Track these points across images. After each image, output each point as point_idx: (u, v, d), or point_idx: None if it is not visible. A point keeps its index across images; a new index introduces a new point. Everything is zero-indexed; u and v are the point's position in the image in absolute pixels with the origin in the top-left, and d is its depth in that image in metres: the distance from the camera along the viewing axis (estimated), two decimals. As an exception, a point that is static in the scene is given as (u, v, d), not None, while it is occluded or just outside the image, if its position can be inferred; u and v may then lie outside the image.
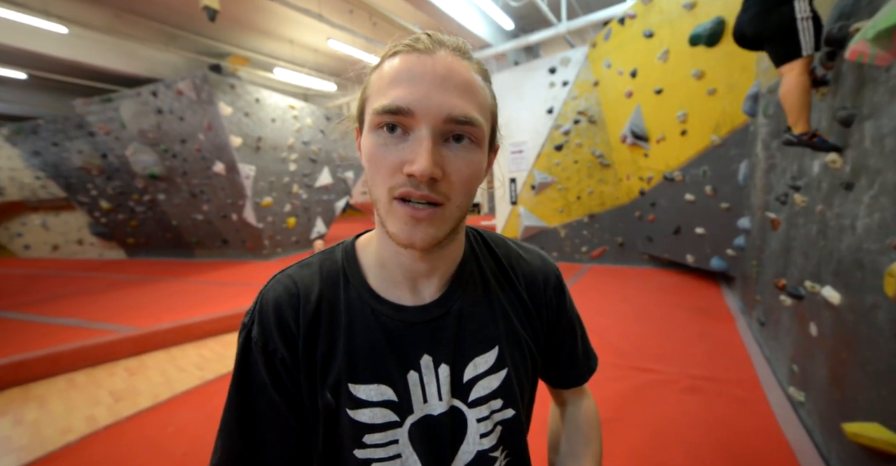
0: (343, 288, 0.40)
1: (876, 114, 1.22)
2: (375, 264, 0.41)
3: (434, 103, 0.31)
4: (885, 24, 1.08)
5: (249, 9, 6.17)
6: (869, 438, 0.98)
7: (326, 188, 7.48)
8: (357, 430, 0.37)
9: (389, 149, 0.32)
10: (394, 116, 0.31)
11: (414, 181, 0.31)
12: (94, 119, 5.99)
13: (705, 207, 3.75)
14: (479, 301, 0.42)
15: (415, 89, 0.31)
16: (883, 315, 1.03)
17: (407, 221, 0.33)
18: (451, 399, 0.39)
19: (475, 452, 0.40)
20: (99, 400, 2.15)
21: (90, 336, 2.82)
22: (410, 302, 0.40)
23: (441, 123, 0.31)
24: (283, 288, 0.39)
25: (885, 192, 1.12)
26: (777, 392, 1.86)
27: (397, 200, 0.33)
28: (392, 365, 0.38)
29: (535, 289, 0.45)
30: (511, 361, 0.42)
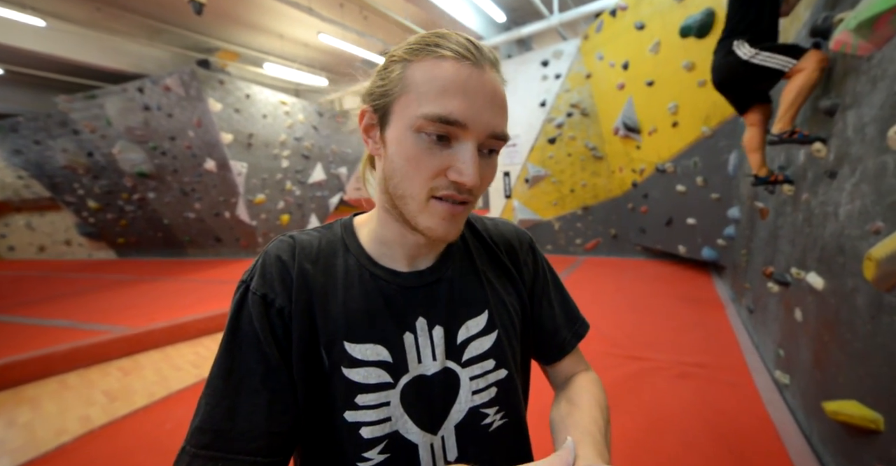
0: (342, 255, 0.42)
1: (857, 103, 1.25)
2: (374, 240, 0.43)
3: (484, 120, 0.35)
4: (866, 15, 1.10)
5: (237, 2, 6.04)
6: (847, 415, 1.03)
7: (320, 184, 7.43)
8: (350, 390, 0.37)
9: (434, 154, 0.35)
10: (445, 126, 0.34)
11: (457, 187, 0.36)
12: (78, 116, 5.86)
13: (696, 198, 3.81)
14: (466, 270, 0.45)
15: (470, 104, 0.34)
16: (862, 298, 1.07)
17: (445, 217, 0.37)
18: (446, 360, 0.41)
19: (466, 410, 0.41)
20: (93, 401, 2.14)
21: (82, 337, 2.79)
22: (406, 269, 0.43)
23: (484, 138, 0.35)
24: (286, 244, 0.41)
25: (865, 180, 1.15)
26: (764, 376, 1.92)
27: (436, 199, 0.36)
28: (388, 327, 0.40)
29: (512, 252, 0.50)
30: (500, 324, 0.44)
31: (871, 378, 0.99)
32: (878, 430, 0.95)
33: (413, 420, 0.39)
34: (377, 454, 0.38)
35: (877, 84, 1.13)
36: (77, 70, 7.12)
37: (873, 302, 1.01)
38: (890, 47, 1.07)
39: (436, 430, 0.40)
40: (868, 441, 1.00)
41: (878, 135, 1.08)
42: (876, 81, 1.14)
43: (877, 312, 0.99)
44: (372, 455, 0.38)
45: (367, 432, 0.38)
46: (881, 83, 1.10)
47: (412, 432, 0.39)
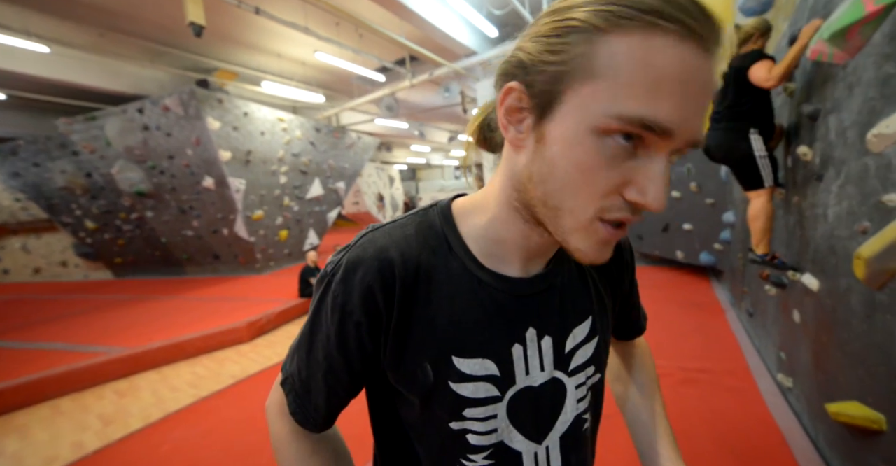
0: (444, 256, 0.37)
1: (838, 108, 1.29)
2: (484, 238, 0.38)
3: (692, 126, 0.26)
4: (838, 26, 1.15)
5: (236, 24, 6.23)
6: (849, 416, 1.02)
7: (318, 199, 7.47)
8: (457, 403, 0.36)
9: (615, 166, 0.27)
10: (642, 131, 0.25)
11: (634, 209, 0.28)
12: (77, 138, 5.91)
13: (691, 204, 3.85)
14: (575, 275, 0.42)
15: (686, 108, 0.25)
16: (856, 297, 1.08)
17: (606, 242, 0.30)
18: (553, 370, 0.39)
19: (572, 419, 0.41)
20: (87, 425, 2.09)
21: (76, 359, 2.73)
22: (517, 275, 0.38)
23: (684, 146, 0.27)
24: (376, 251, 0.35)
25: (850, 181, 1.18)
26: (767, 379, 1.91)
27: (602, 221, 0.29)
28: (497, 339, 0.37)
29: (617, 255, 0.46)
30: (601, 329, 0.43)
31: (871, 377, 0.99)
32: (882, 430, 0.94)
33: (518, 430, 0.38)
34: (482, 459, 0.38)
35: (853, 90, 1.18)
36: (78, 93, 7.26)
37: (866, 301, 1.03)
38: (862, 56, 1.12)
39: (541, 440, 0.39)
40: (872, 442, 0.99)
41: (858, 138, 1.12)
42: (852, 88, 1.19)
43: (871, 311, 1.00)
44: (477, 458, 0.38)
45: (474, 439, 0.37)
46: (857, 89, 1.15)
47: (517, 441, 0.38)
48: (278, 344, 3.31)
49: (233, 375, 2.67)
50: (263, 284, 5.46)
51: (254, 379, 2.61)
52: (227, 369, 2.80)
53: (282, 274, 6.16)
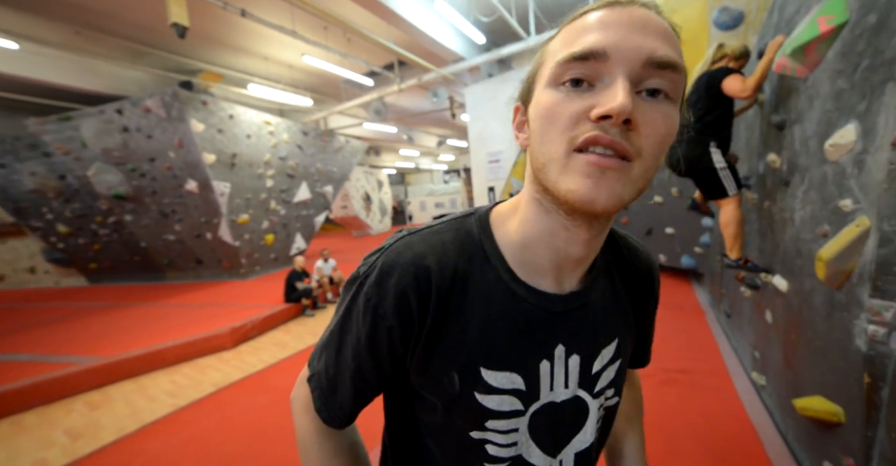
0: (479, 265, 0.36)
1: (801, 119, 1.37)
2: (517, 244, 0.37)
3: (633, 44, 0.27)
4: (797, 43, 1.23)
5: (221, 26, 6.16)
6: (814, 410, 1.08)
7: (305, 203, 7.39)
8: (481, 415, 0.36)
9: (572, 100, 0.29)
10: (583, 63, 0.28)
11: (605, 125, 0.27)
12: (50, 138, 5.69)
13: (673, 208, 3.97)
14: (607, 295, 0.41)
15: (610, 32, 0.28)
16: (819, 297, 1.14)
17: (590, 173, 0.28)
18: (577, 389, 0.39)
19: (591, 440, 0.40)
20: (52, 441, 1.97)
21: (43, 371, 2.59)
22: (551, 290, 0.37)
23: (639, 68, 0.27)
24: (413, 257, 0.35)
25: (813, 187, 1.25)
26: (743, 378, 1.98)
27: (577, 152, 0.28)
28: (527, 354, 0.37)
29: (648, 282, 0.45)
30: (623, 352, 0.42)
31: (832, 372, 1.05)
32: (841, 422, 0.99)
33: (537, 444, 0.39)
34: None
35: (813, 102, 1.25)
36: (51, 92, 7.00)
37: (827, 300, 1.08)
38: (819, 71, 1.20)
39: (556, 454, 0.39)
40: (833, 434, 1.04)
41: (818, 147, 1.19)
42: (812, 100, 1.26)
43: (831, 310, 1.06)
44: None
45: (493, 450, 0.38)
46: (816, 101, 1.22)
47: (535, 455, 0.39)
48: (263, 350, 3.24)
49: (214, 383, 2.60)
50: (248, 289, 5.34)
51: (236, 386, 2.55)
52: (208, 377, 2.72)
53: (267, 279, 6.05)
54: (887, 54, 0.88)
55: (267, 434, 1.91)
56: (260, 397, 2.36)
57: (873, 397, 0.88)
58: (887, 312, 0.84)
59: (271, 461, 1.70)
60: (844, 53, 1.05)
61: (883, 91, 0.89)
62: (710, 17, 2.92)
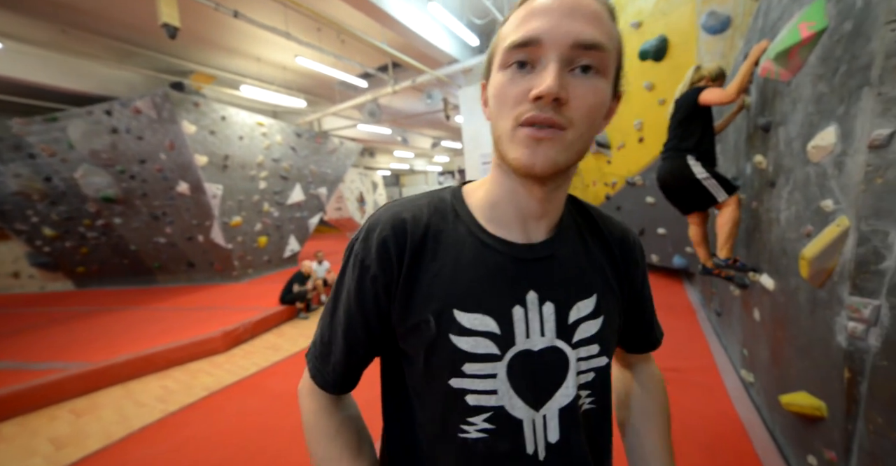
0: (452, 222, 0.41)
1: (785, 121, 1.41)
2: (486, 204, 0.42)
3: (562, 30, 0.32)
4: (780, 47, 1.26)
5: (213, 26, 6.11)
6: (798, 405, 1.10)
7: (299, 205, 7.34)
8: (457, 357, 0.38)
9: (517, 82, 0.34)
10: (524, 49, 0.33)
11: (540, 104, 0.33)
12: (35, 139, 5.56)
13: (665, 209, 4.01)
14: (578, 251, 0.43)
15: (544, 20, 0.33)
16: (803, 295, 1.17)
17: (528, 144, 0.34)
18: (556, 339, 0.40)
19: (573, 394, 0.41)
20: (34, 451, 1.92)
21: (26, 378, 2.50)
22: (519, 241, 0.41)
23: (568, 50, 0.33)
24: (392, 214, 0.41)
25: (797, 188, 1.28)
26: (732, 376, 2.01)
27: (521, 126, 0.34)
28: (498, 298, 0.39)
29: (626, 249, 0.47)
30: (606, 310, 0.43)
31: (815, 368, 1.07)
32: (823, 417, 1.02)
33: (519, 395, 0.39)
34: (482, 421, 0.39)
35: (796, 105, 1.29)
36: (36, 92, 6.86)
37: (811, 298, 1.11)
38: (802, 75, 1.23)
39: (538, 408, 0.40)
40: (816, 428, 1.07)
41: (801, 149, 1.22)
42: (796, 103, 1.30)
43: (814, 307, 1.09)
44: (476, 420, 0.39)
45: (473, 399, 0.38)
46: (799, 104, 1.26)
47: (517, 407, 0.39)
48: (256, 354, 3.21)
49: (206, 387, 2.57)
50: (241, 292, 5.29)
51: (229, 390, 2.52)
52: (199, 381, 2.69)
53: (261, 282, 5.99)
54: (863, 60, 0.91)
55: (260, 439, 1.89)
56: (253, 401, 2.34)
57: (853, 391, 0.91)
58: (866, 309, 0.86)
59: (265, 464, 1.68)
60: (824, 58, 1.09)
61: (859, 95, 0.92)
62: (699, 22, 2.98)
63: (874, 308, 0.85)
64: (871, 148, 0.85)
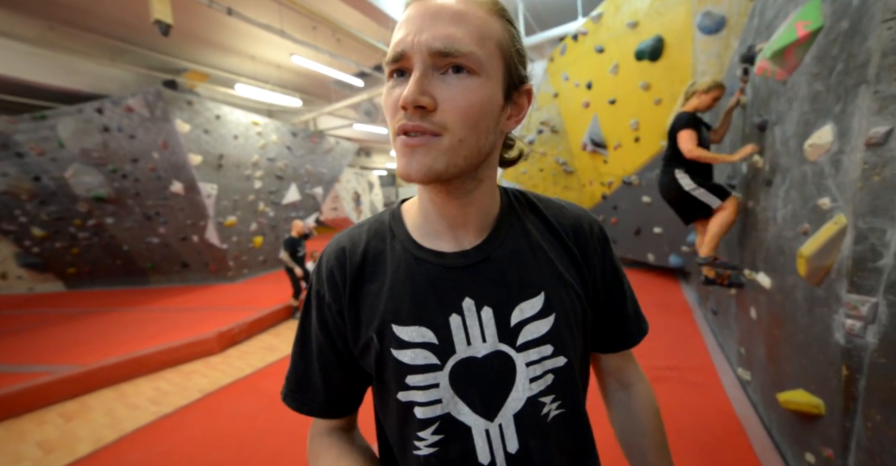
0: (389, 242, 0.43)
1: (781, 120, 1.41)
2: (419, 218, 0.43)
3: (421, 41, 0.32)
4: (777, 46, 1.27)
5: (207, 24, 6.04)
6: (796, 403, 1.11)
7: (294, 205, 7.29)
8: (400, 370, 0.39)
9: (394, 90, 0.35)
10: (397, 64, 0.34)
11: (407, 114, 0.33)
12: (23, 138, 5.46)
13: (661, 208, 4.03)
14: (520, 250, 0.42)
15: (407, 32, 0.33)
16: (800, 293, 1.17)
17: (404, 153, 0.34)
18: (499, 343, 0.39)
19: (525, 398, 0.39)
20: (22, 456, 1.88)
21: (13, 381, 2.46)
22: (451, 250, 0.41)
23: (429, 58, 0.33)
24: (335, 243, 0.44)
25: (794, 187, 1.28)
26: (729, 374, 2.02)
27: (398, 135, 0.34)
28: (433, 308, 0.39)
29: (581, 237, 0.45)
30: (559, 307, 0.41)
31: (812, 366, 1.08)
32: (821, 414, 1.02)
33: (465, 402, 0.39)
34: (431, 434, 0.39)
35: (792, 104, 1.29)
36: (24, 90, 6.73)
37: (808, 296, 1.12)
38: (797, 74, 1.24)
39: (492, 416, 0.39)
40: (813, 426, 1.07)
41: (798, 147, 1.23)
42: (791, 102, 1.30)
43: (811, 305, 1.09)
44: (426, 434, 0.39)
45: (420, 412, 0.39)
46: (795, 103, 1.26)
47: (464, 413, 0.39)
48: (251, 354, 3.18)
49: (201, 389, 2.54)
50: (236, 293, 5.24)
51: (224, 391, 2.49)
52: (194, 382, 2.66)
53: (256, 282, 5.94)
54: (859, 58, 0.91)
55: (256, 440, 1.87)
56: (248, 402, 2.31)
57: (851, 389, 0.91)
58: (863, 306, 0.87)
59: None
60: (820, 57, 1.09)
61: (856, 94, 0.92)
62: (694, 22, 2.99)
63: (872, 305, 0.85)
64: (868, 145, 0.86)
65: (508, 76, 0.37)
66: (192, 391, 2.52)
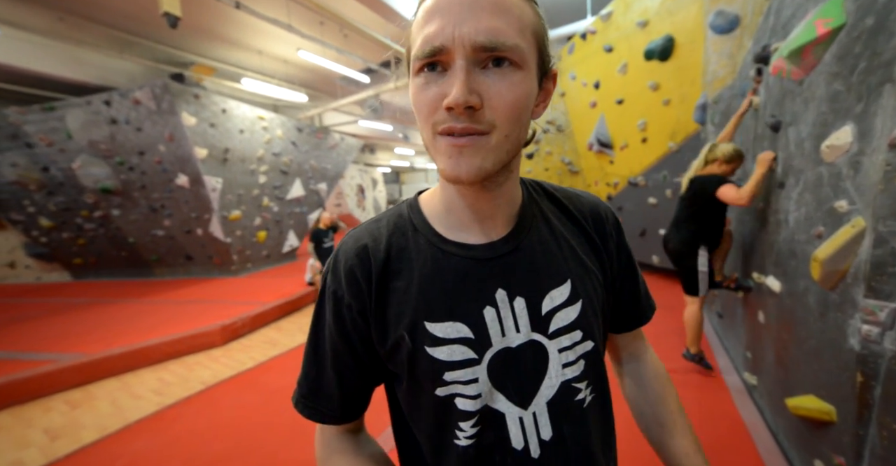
0: (412, 237, 0.42)
1: (796, 121, 1.38)
2: (442, 211, 0.42)
3: (463, 34, 0.30)
4: (795, 45, 1.24)
5: (215, 17, 6.04)
6: (806, 409, 1.09)
7: (299, 200, 7.30)
8: (436, 367, 0.38)
9: (430, 87, 0.33)
10: (433, 58, 0.32)
11: (453, 114, 0.31)
12: (32, 129, 5.51)
13: (667, 210, 4.00)
14: (545, 239, 0.42)
15: (445, 23, 0.31)
16: (812, 297, 1.15)
17: (451, 154, 0.32)
18: (531, 332, 0.39)
19: (558, 385, 0.40)
20: (29, 441, 1.90)
21: (20, 368, 2.49)
22: (478, 242, 0.40)
23: (472, 53, 0.31)
24: (354, 241, 0.42)
25: (807, 189, 1.26)
26: (734, 378, 2.00)
27: (441, 135, 0.33)
28: (466, 303, 0.39)
29: (599, 224, 0.46)
30: (585, 294, 0.41)
31: (825, 372, 1.06)
32: (832, 421, 1.00)
33: (502, 393, 0.39)
34: (470, 427, 0.39)
35: (808, 105, 1.26)
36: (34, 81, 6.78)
37: (821, 300, 1.09)
38: (815, 73, 1.21)
39: (526, 405, 0.39)
40: (824, 433, 1.05)
41: (814, 149, 1.20)
42: (808, 102, 1.27)
43: (824, 310, 1.07)
44: (466, 426, 0.39)
45: (462, 405, 0.38)
46: (811, 104, 1.23)
47: (499, 402, 0.39)
48: (254, 348, 3.19)
49: (203, 381, 2.55)
50: (239, 286, 5.26)
51: (226, 384, 2.50)
52: (196, 374, 2.67)
53: (259, 277, 5.97)
54: (885, 56, 0.88)
55: (257, 433, 1.87)
56: (250, 395, 2.32)
57: (866, 396, 0.89)
58: (882, 312, 0.84)
59: (261, 459, 1.67)
60: (841, 56, 1.06)
61: (880, 93, 0.89)
62: (707, 21, 2.95)
63: (891, 311, 0.83)
64: (892, 146, 0.83)
65: (542, 63, 0.36)
66: (194, 382, 2.53)
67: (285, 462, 1.62)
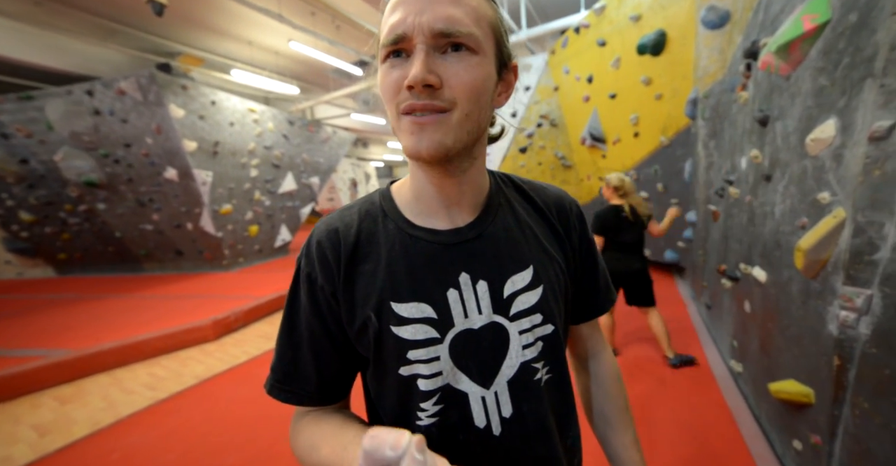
0: (381, 222, 0.43)
1: (783, 115, 1.42)
2: (411, 198, 0.44)
3: (423, 22, 0.33)
4: (783, 40, 1.26)
5: (203, 6, 5.87)
6: (787, 392, 1.14)
7: (291, 194, 7.22)
8: (401, 346, 0.40)
9: (394, 71, 0.35)
10: (396, 46, 0.35)
11: (414, 93, 0.34)
12: (8, 119, 5.30)
13: (658, 203, 4.07)
14: (509, 226, 0.45)
15: (406, 14, 0.34)
16: (795, 286, 1.19)
17: (413, 131, 0.35)
18: (493, 314, 0.41)
19: (518, 365, 0.42)
20: (17, 438, 1.87)
21: (7, 365, 2.44)
22: (445, 228, 0.43)
23: (431, 39, 0.34)
24: (326, 226, 0.44)
25: (793, 182, 1.30)
26: (721, 366, 2.06)
27: (404, 115, 0.35)
28: (431, 284, 0.40)
29: (563, 215, 0.49)
30: (546, 279, 0.44)
31: (805, 357, 1.10)
32: (810, 403, 1.05)
33: (464, 372, 0.41)
34: (432, 405, 0.41)
35: (795, 99, 1.29)
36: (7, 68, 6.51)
37: (803, 289, 1.14)
38: (802, 68, 1.24)
39: (488, 385, 0.41)
40: (803, 415, 1.11)
41: (799, 143, 1.23)
42: (794, 97, 1.30)
43: (806, 298, 1.11)
44: (427, 405, 0.41)
45: (423, 384, 0.40)
46: (798, 98, 1.27)
47: (462, 382, 0.41)
48: (247, 342, 3.18)
49: (196, 375, 2.54)
50: (231, 281, 5.21)
51: (220, 378, 2.50)
52: (190, 369, 2.66)
53: (251, 271, 5.92)
54: (867, 52, 0.91)
55: (251, 426, 1.88)
56: (244, 389, 2.32)
57: (841, 378, 0.93)
58: (858, 298, 0.88)
59: (256, 452, 1.68)
60: (826, 51, 1.09)
61: (862, 87, 0.92)
62: (699, 16, 2.97)
63: (867, 297, 0.87)
64: (871, 140, 0.86)
65: (500, 54, 0.39)
66: (187, 377, 2.52)
67: (280, 455, 1.64)
